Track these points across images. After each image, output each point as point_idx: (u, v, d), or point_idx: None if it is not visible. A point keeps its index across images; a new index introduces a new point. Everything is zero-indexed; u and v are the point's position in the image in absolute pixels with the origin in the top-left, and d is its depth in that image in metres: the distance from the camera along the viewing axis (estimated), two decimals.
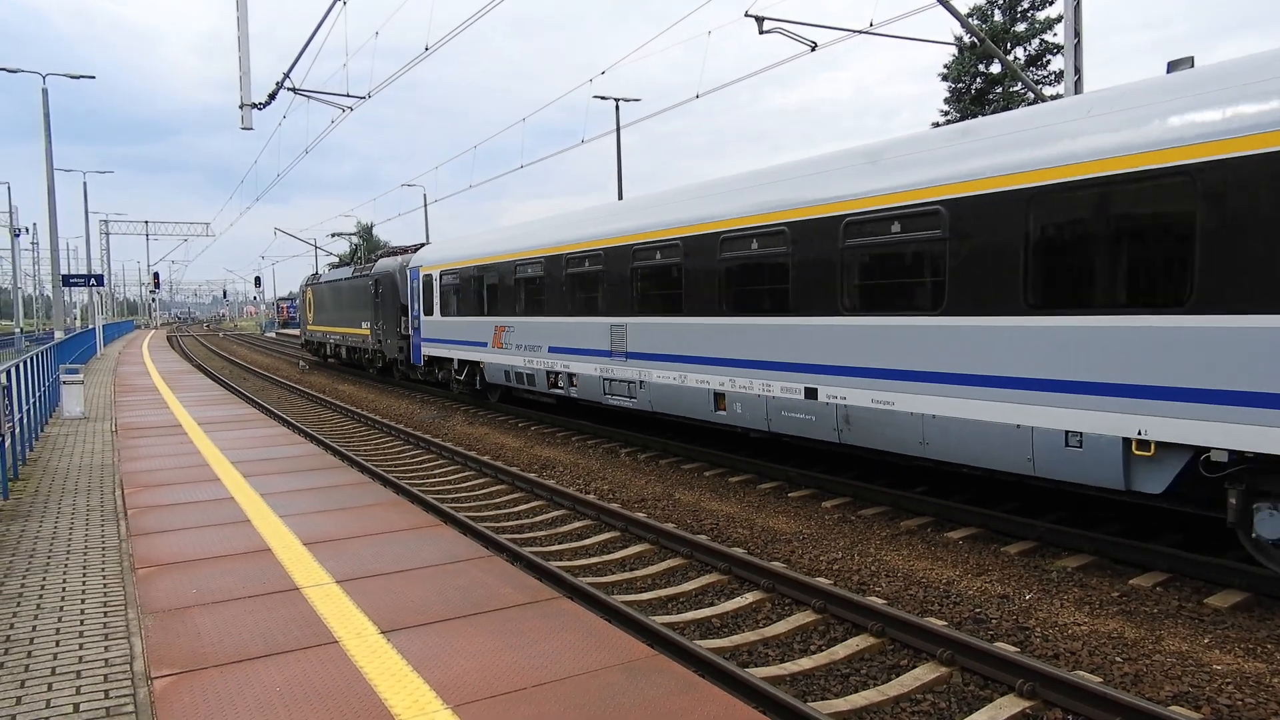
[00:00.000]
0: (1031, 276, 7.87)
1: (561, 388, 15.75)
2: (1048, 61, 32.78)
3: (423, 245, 25.77)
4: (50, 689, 4.43)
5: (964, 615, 6.91)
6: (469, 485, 12.67)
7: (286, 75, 17.13)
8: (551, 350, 15.96)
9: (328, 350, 34.92)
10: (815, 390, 10.15)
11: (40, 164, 30.30)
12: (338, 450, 14.86)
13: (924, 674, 5.87)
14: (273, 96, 17.44)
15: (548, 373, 16.14)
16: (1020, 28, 32.53)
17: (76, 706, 4.23)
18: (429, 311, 21.92)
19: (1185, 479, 7.03)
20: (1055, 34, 31.73)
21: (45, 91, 30.08)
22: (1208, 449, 6.77)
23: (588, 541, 9.53)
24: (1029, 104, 30.99)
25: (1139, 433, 7.15)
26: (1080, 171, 7.52)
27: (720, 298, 11.55)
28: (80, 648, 4.96)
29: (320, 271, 39.17)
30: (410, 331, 23.51)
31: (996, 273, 8.17)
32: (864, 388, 9.52)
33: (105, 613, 5.54)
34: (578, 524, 10.19)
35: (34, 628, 5.29)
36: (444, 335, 21.11)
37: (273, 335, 61.72)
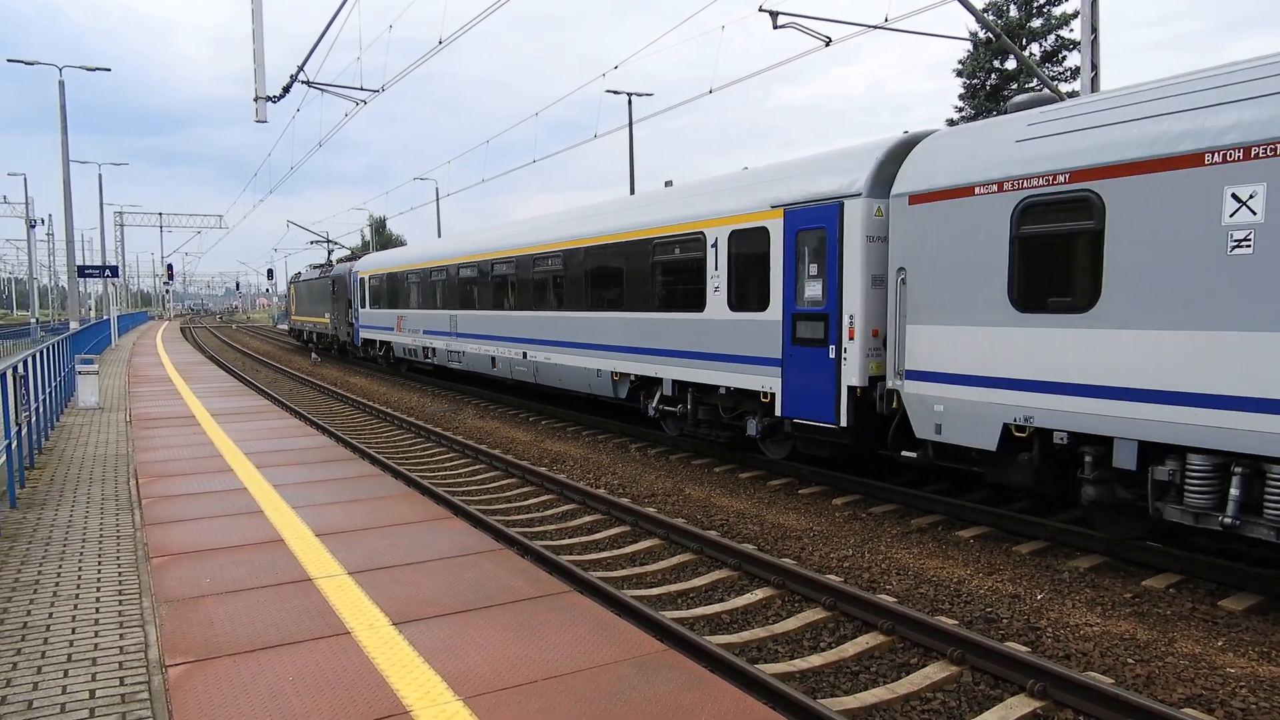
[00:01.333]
0: (586, 295, 15.26)
1: (430, 359, 23.51)
2: (1064, 57, 32.55)
3: (364, 255, 35.35)
4: (66, 675, 4.47)
5: (975, 614, 6.89)
6: (480, 478, 12.71)
7: (300, 68, 17.17)
8: (425, 333, 23.68)
9: (304, 335, 42.33)
10: (526, 353, 17.66)
11: (56, 155, 30.50)
12: (349, 442, 14.93)
13: (934, 673, 5.86)
14: (287, 90, 17.49)
15: (422, 348, 23.88)
16: (1036, 23, 32.30)
17: (92, 693, 4.26)
18: (363, 305, 29.66)
19: (634, 390, 14.10)
20: (1072, 30, 31.50)
21: (61, 84, 30.28)
22: (635, 375, 13.86)
23: (598, 536, 9.54)
24: (1045, 101, 30.80)
25: (614, 370, 14.39)
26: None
27: (492, 299, 19.30)
28: (96, 635, 5.01)
29: (301, 271, 45.81)
30: (353, 320, 31.12)
31: (580, 286, 15.44)
32: (545, 352, 16.82)
33: (120, 601, 5.58)
34: (588, 518, 10.21)
35: (50, 615, 5.34)
36: (372, 323, 28.83)
37: (284, 327, 62.65)
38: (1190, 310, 6.81)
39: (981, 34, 31.73)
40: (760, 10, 13.13)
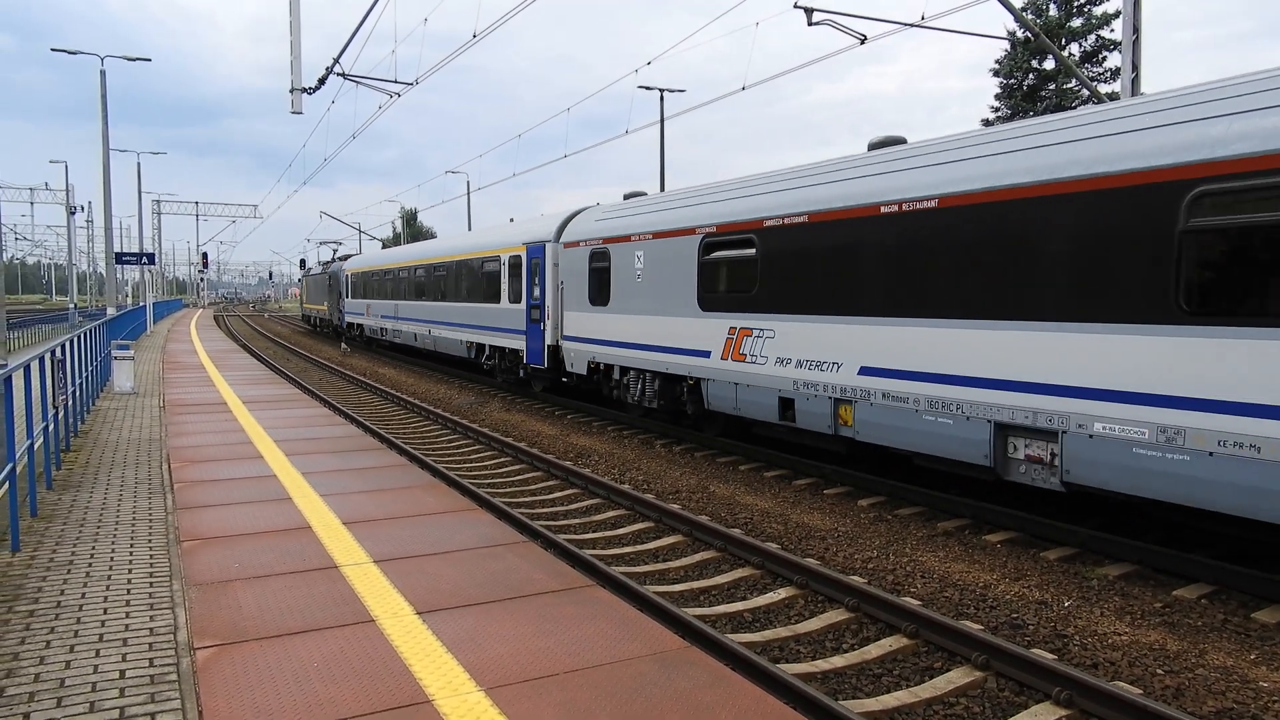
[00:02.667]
0: (455, 292, 23.64)
1: (384, 336, 32.17)
2: (1104, 58, 32.03)
3: (352, 255, 45.51)
4: (98, 655, 4.56)
5: (1000, 620, 6.82)
6: (505, 471, 12.78)
7: (336, 60, 17.32)
8: (382, 317, 32.43)
9: (312, 320, 51.88)
10: (430, 330, 25.61)
11: (96, 144, 31.02)
12: (377, 432, 15.06)
13: (958, 677, 5.81)
14: (323, 81, 17.65)
15: (379, 329, 32.74)
16: (1076, 23, 31.82)
17: (122, 673, 4.34)
18: (348, 296, 38.86)
19: (477, 352, 22.02)
20: (1113, 30, 30.99)
21: (103, 74, 30.76)
22: (474, 342, 22.09)
23: (621, 531, 9.56)
24: (1083, 102, 30.34)
25: (465, 340, 22.86)
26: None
27: (415, 294, 27.66)
28: (127, 616, 5.10)
29: (311, 268, 54.55)
30: (342, 308, 40.29)
31: (452, 286, 23.81)
32: (436, 329, 24.69)
33: (151, 583, 5.68)
34: (612, 513, 10.22)
35: (83, 595, 5.44)
36: (352, 310, 38.01)
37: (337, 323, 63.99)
38: (620, 303, 15.03)
39: (1020, 33, 31.30)
40: (795, 7, 13.04)
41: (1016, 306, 8.28)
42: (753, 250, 11.56)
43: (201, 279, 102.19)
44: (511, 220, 20.56)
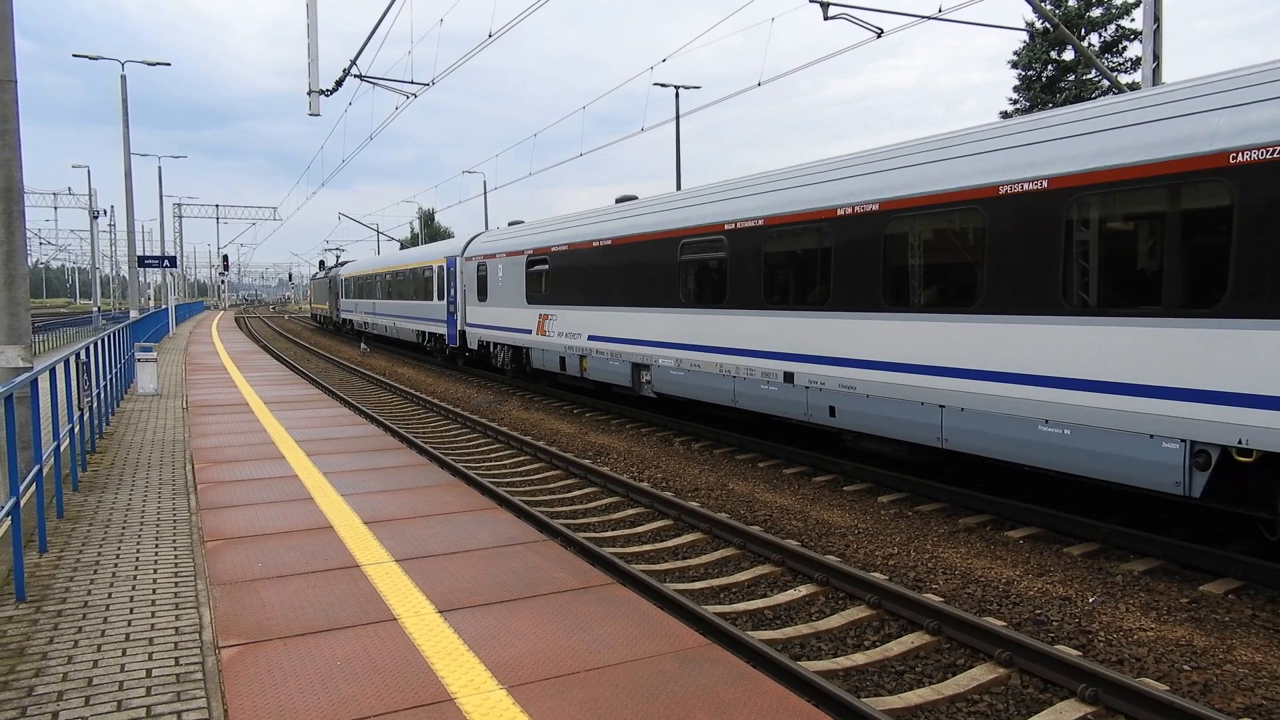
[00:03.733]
0: (402, 294, 32.60)
1: (369, 330, 39.20)
2: (1124, 48, 31.67)
3: (347, 263, 51.57)
4: (124, 654, 4.61)
5: (1024, 616, 6.77)
6: (524, 470, 12.81)
7: (353, 62, 17.41)
8: (365, 314, 39.97)
9: (317, 318, 61.86)
10: (395, 323, 33.42)
11: (117, 148, 31.34)
12: (397, 432, 15.14)
13: (981, 674, 5.77)
14: (340, 83, 17.75)
15: (364, 323, 40.25)
16: (1096, 13, 31.47)
17: (149, 672, 4.39)
18: (343, 296, 47.20)
19: (422, 338, 30.09)
20: (1133, 19, 30.63)
21: (124, 78, 31.07)
22: (419, 330, 30.17)
23: (641, 529, 9.56)
24: (1103, 92, 30.01)
25: (414, 329, 30.77)
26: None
27: (380, 294, 36.27)
28: (152, 615, 5.15)
29: (318, 273, 63.78)
30: (339, 307, 48.77)
31: (398, 290, 33.14)
32: (399, 321, 32.84)
33: (176, 583, 5.74)
34: (630, 511, 10.23)
35: (110, 595, 5.51)
36: (347, 309, 45.88)
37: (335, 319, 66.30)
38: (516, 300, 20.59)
39: (1039, 24, 31.01)
40: (811, 1, 12.98)
41: (634, 296, 15.35)
42: (547, 266, 18.83)
43: (222, 281, 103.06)
44: (511, 223, 24.27)
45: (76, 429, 8.97)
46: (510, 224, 23.73)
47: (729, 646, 5.82)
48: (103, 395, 11.75)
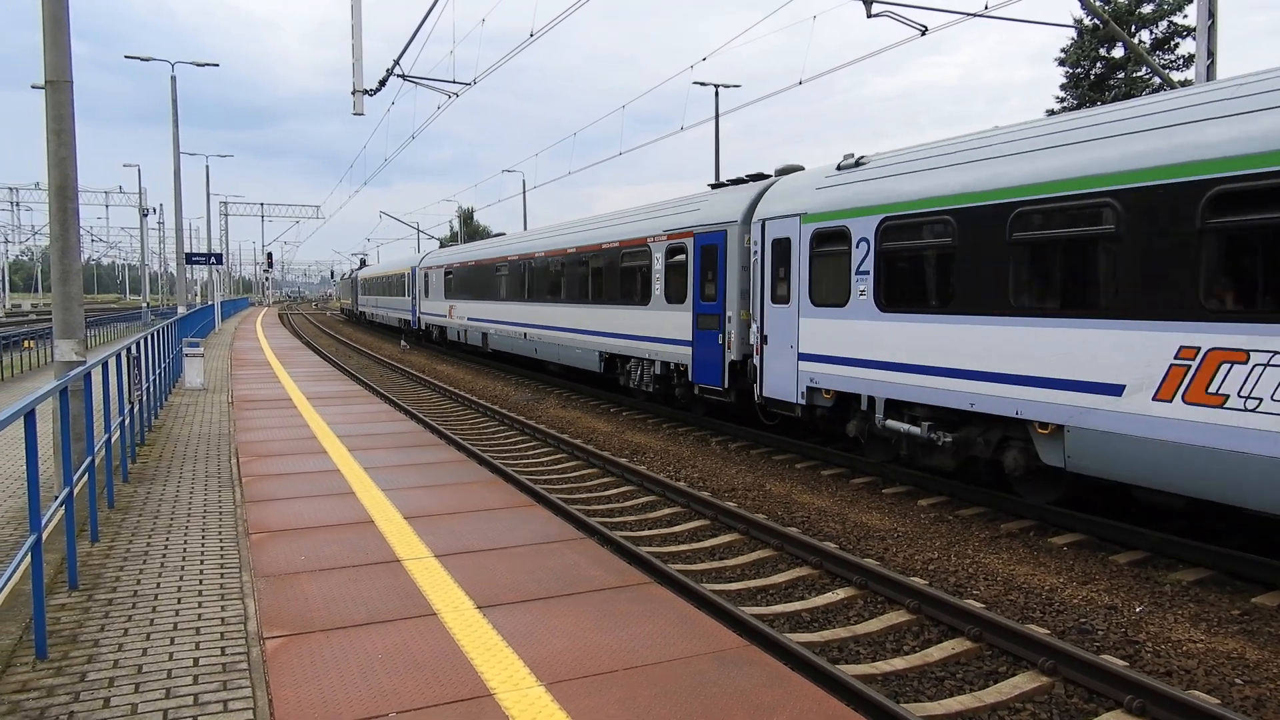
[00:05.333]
0: (390, 291, 45.85)
1: (370, 319, 53.90)
2: (1176, 45, 30.94)
3: (363, 267, 65.90)
4: (172, 643, 4.71)
5: (1067, 624, 6.64)
6: (561, 467, 12.86)
7: (396, 62, 17.60)
8: (369, 305, 54.00)
9: (343, 311, 75.69)
10: (388, 312, 46.35)
11: (166, 148, 32.03)
12: (436, 428, 15.29)
13: (1023, 683, 5.67)
14: (383, 83, 17.96)
15: (369, 312, 53.96)
16: (1147, 8, 30.78)
17: (196, 661, 4.48)
18: (360, 294, 58.96)
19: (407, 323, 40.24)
20: (1185, 15, 29.92)
21: (174, 79, 31.76)
22: (403, 317, 40.12)
23: (677, 528, 9.55)
24: (1153, 90, 29.36)
25: (400, 319, 43.72)
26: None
27: (385, 292, 47.07)
28: (199, 606, 5.26)
29: (344, 274, 79.73)
30: (358, 302, 60.21)
31: (390, 287, 45.72)
32: (391, 311, 45.57)
33: (221, 574, 5.85)
34: (667, 510, 10.22)
35: (158, 585, 5.63)
36: (363, 304, 56.78)
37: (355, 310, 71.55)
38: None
39: (1087, 20, 30.42)
40: None
41: (483, 294, 27.15)
42: (452, 276, 30.46)
43: (266, 278, 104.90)
44: (440, 245, 31.44)
45: (126, 422, 9.18)
46: (440, 246, 37.17)
47: (767, 648, 5.78)
48: (152, 389, 12.01)
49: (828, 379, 11.30)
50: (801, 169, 13.46)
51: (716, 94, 32.20)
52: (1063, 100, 33.10)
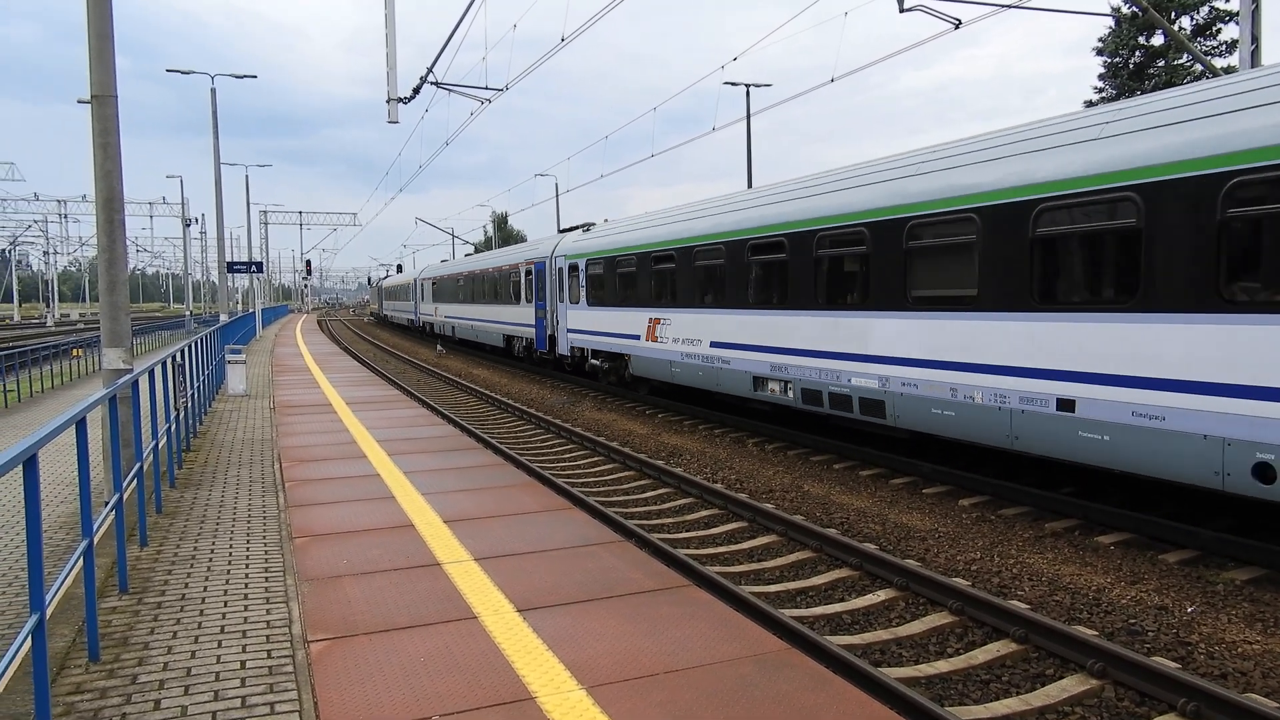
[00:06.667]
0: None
1: (399, 322, 60.92)
2: (1218, 30, 30.23)
3: (386, 278, 76.93)
4: (220, 645, 4.78)
5: (1116, 625, 6.51)
6: (598, 470, 12.88)
7: (430, 70, 17.77)
8: (389, 309, 66.51)
9: (371, 313, 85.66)
10: (399, 309, 60.81)
11: (207, 158, 32.64)
12: (473, 432, 15.40)
13: (1072, 685, 5.56)
14: (417, 91, 18.14)
15: (391, 315, 65.83)
16: None
17: (243, 664, 4.55)
18: (383, 300, 71.31)
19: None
20: (1228, 0, 29.21)
21: (214, 92, 32.35)
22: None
23: (715, 530, 9.51)
24: (1194, 78, 28.72)
25: (408, 319, 56.78)
26: None
27: (394, 297, 63.44)
28: (245, 609, 5.34)
29: (371, 282, 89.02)
30: (383, 306, 72.32)
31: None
32: (398, 312, 62.05)
33: (266, 577, 5.93)
34: (705, 512, 10.19)
35: (205, 588, 5.73)
36: (388, 308, 68.07)
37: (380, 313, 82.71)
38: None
39: (1125, 8, 29.85)
40: None
41: (466, 298, 36.09)
42: (434, 285, 43.65)
43: (305, 285, 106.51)
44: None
45: (173, 428, 9.36)
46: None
47: (808, 651, 5.74)
48: (197, 396, 12.25)
49: (578, 340, 21.59)
50: (590, 225, 22.97)
51: (748, 94, 32.10)
52: (1101, 91, 32.51)
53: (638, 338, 17.57)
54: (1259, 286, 6.87)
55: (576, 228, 23.50)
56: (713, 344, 14.62)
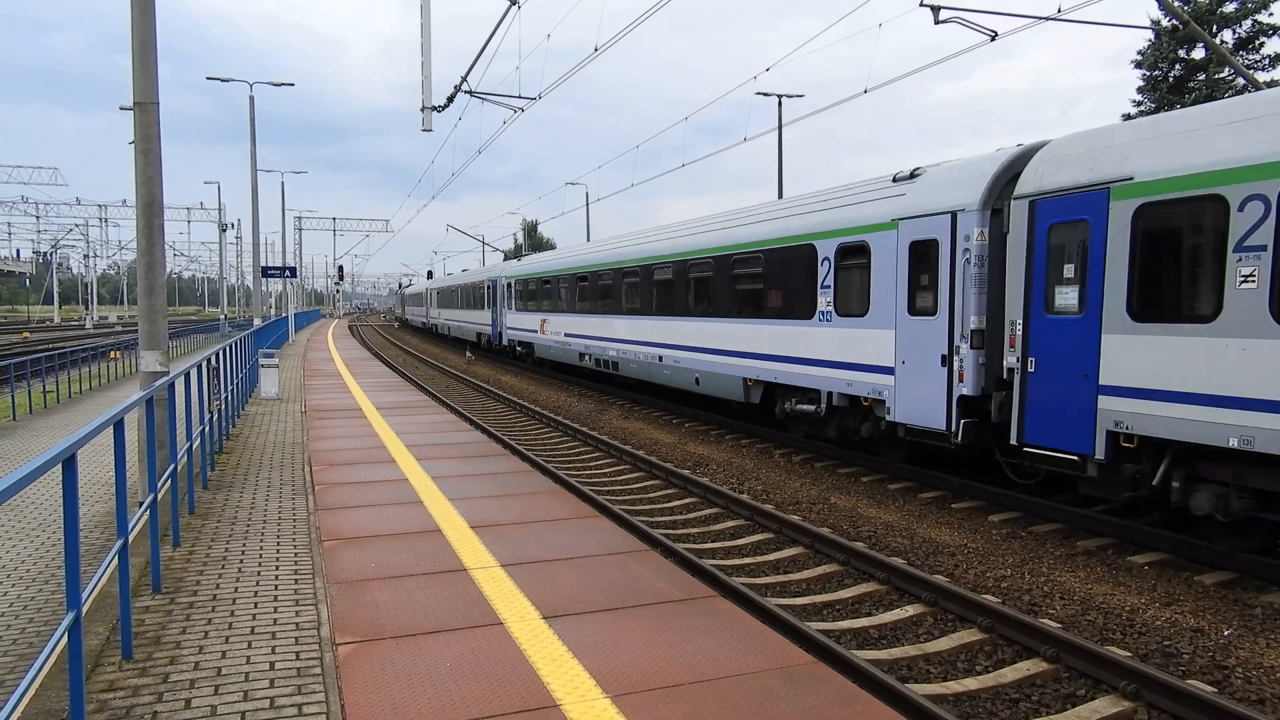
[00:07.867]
0: (442, 302, 54.40)
1: (410, 322, 76.37)
2: (1261, 44, 29.72)
3: (408, 285, 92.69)
4: (250, 646, 4.84)
5: (1150, 647, 6.39)
6: (624, 478, 12.88)
7: (464, 79, 17.96)
8: (409, 315, 75.63)
9: (398, 318, 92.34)
10: (430, 315, 59.19)
11: (244, 165, 33.21)
12: (501, 439, 15.47)
13: (1104, 707, 5.47)
14: (451, 99, 18.33)
15: (411, 319, 72.89)
16: (1230, 7, 29.65)
17: (272, 665, 4.60)
18: (407, 305, 78.18)
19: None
20: (1271, 14, 28.74)
21: (252, 99, 32.92)
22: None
23: (741, 541, 9.47)
24: (1236, 93, 28.28)
25: (421, 322, 68.16)
26: None
27: (415, 304, 72.33)
28: (275, 611, 5.40)
29: (394, 289, 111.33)
30: (404, 312, 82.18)
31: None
32: (423, 317, 65.36)
33: (296, 580, 6.00)
34: (731, 523, 10.15)
35: (236, 589, 5.80)
36: (407, 314, 77.92)
37: (403, 317, 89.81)
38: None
39: (1165, 22, 29.47)
40: (921, 5, 12.68)
41: (462, 305, 43.53)
42: (436, 293, 53.26)
43: (337, 291, 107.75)
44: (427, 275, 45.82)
45: (206, 430, 9.50)
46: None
47: (835, 665, 5.69)
48: (230, 399, 12.42)
49: (510, 334, 32.37)
50: (524, 256, 31.11)
51: (780, 105, 32.09)
52: (1140, 104, 32.07)
53: (536, 331, 27.69)
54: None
55: (515, 258, 34.71)
56: (566, 334, 24.50)
